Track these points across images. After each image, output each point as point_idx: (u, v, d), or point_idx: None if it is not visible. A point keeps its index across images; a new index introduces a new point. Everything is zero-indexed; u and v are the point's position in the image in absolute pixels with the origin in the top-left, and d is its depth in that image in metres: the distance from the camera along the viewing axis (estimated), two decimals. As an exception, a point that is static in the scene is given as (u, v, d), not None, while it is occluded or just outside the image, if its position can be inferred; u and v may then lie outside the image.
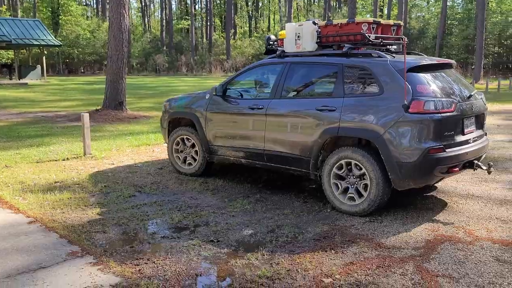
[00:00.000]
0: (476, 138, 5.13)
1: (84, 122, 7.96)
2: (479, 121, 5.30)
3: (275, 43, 6.21)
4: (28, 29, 30.59)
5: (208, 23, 63.35)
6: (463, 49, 44.20)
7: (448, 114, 4.68)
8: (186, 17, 65.76)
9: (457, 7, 53.67)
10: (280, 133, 5.61)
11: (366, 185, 4.92)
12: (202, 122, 6.44)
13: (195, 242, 4.34)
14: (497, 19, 45.61)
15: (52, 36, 32.72)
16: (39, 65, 31.72)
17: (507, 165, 7.31)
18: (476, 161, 5.03)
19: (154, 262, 3.91)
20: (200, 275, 3.70)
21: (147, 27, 72.14)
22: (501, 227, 4.63)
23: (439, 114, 4.61)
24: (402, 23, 5.90)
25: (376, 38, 5.35)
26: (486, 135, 5.56)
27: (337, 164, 5.10)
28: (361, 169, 4.93)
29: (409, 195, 5.62)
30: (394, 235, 4.45)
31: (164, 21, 61.76)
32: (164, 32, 59.93)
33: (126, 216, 5.06)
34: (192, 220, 4.94)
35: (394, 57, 5.04)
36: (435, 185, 6.16)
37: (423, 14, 59.13)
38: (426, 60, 5.17)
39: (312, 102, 5.38)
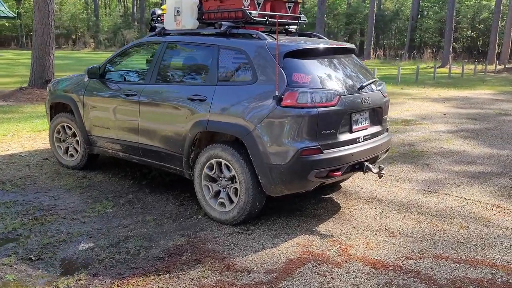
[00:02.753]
0: (369, 136, 4.42)
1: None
2: (376, 116, 4.59)
3: (159, 18, 5.37)
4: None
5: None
6: (436, 32, 43.71)
7: (328, 108, 3.94)
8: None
9: (432, -11, 52.96)
10: (153, 124, 4.83)
11: (236, 190, 4.20)
12: (80, 108, 5.60)
13: (8, 260, 3.56)
14: (471, 2, 45.12)
15: (5, 7, 31.00)
16: (-9, 38, 30.04)
17: (431, 161, 6.68)
18: (366, 163, 4.32)
19: None
20: (-23, 310, 2.93)
21: (120, 1, 69.76)
22: (385, 242, 3.97)
23: (316, 109, 3.87)
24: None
25: (262, 16, 4.55)
26: (387, 131, 4.86)
27: (207, 164, 4.36)
28: (232, 170, 4.20)
29: (302, 197, 4.93)
30: (255, 253, 3.74)
31: (136, -6, 59.63)
32: (135, 6, 57.92)
33: (-46, 222, 4.25)
34: (29, 229, 4.15)
35: (275, 39, 4.25)
36: (340, 184, 5.49)
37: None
38: (316, 44, 4.41)
39: (184, 89, 4.59)
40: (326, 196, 5.13)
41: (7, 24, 41.52)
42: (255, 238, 4.01)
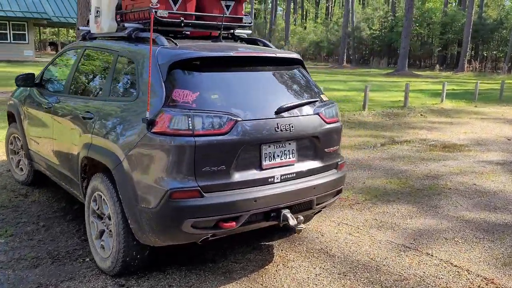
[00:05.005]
0: (294, 175, 3.32)
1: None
2: (311, 148, 3.45)
3: (95, 20, 4.67)
4: (74, 7, 30.69)
5: (273, 8, 61.45)
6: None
7: (212, 137, 2.94)
8: (255, 1, 64.20)
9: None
10: (60, 143, 4.16)
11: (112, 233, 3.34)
12: (22, 119, 5.10)
13: None
14: None
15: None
16: (82, 44, 31.89)
17: (445, 202, 5.26)
18: (285, 211, 3.24)
19: None
20: None
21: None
22: (279, 327, 2.87)
23: (192, 138, 2.89)
24: (244, -4, 4.12)
25: (176, 16, 3.65)
26: (337, 167, 3.68)
27: (93, 196, 3.56)
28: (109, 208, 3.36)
29: (235, 241, 3.94)
30: (97, 322, 2.85)
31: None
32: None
33: None
34: None
35: (177, 45, 3.34)
36: (298, 226, 4.36)
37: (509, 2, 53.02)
38: (226, 51, 3.38)
39: (83, 104, 3.84)
40: (268, 242, 4.07)
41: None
42: (118, 300, 3.11)
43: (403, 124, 10.82)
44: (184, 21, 3.66)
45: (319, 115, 3.46)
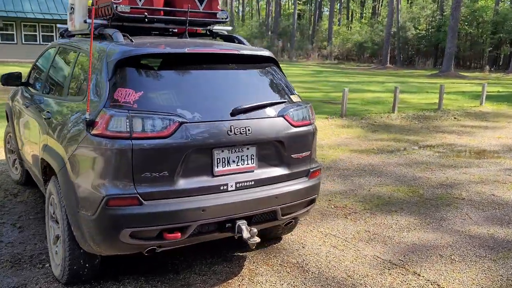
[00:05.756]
0: (252, 183, 3.03)
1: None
2: (275, 154, 3.14)
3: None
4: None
5: (316, 8, 60.75)
6: None
7: (153, 141, 2.71)
8: (299, 1, 63.74)
9: None
10: (31, 142, 4.07)
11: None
12: (13, 116, 5.08)
13: None
14: None
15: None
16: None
17: (453, 214, 4.80)
18: (240, 222, 2.96)
19: None
20: None
21: (258, 11, 72.01)
22: None
23: (129, 140, 2.67)
24: (219, -9, 3.87)
25: (140, 11, 3.46)
26: (308, 175, 3.35)
27: (49, 199, 3.42)
28: (61, 212, 3.20)
29: (211, 248, 3.70)
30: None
31: (271, 6, 60.67)
32: (270, 17, 59.02)
33: None
34: None
35: (132, 41, 3.14)
36: (282, 236, 4.08)
37: None
38: (181, 47, 3.11)
39: (47, 103, 3.72)
40: (242, 253, 3.80)
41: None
42: (60, 311, 2.94)
43: (432, 128, 10.21)
44: (148, 16, 3.46)
45: (285, 118, 3.16)
